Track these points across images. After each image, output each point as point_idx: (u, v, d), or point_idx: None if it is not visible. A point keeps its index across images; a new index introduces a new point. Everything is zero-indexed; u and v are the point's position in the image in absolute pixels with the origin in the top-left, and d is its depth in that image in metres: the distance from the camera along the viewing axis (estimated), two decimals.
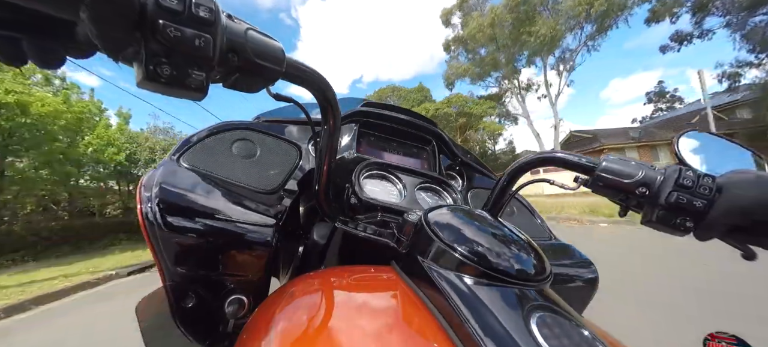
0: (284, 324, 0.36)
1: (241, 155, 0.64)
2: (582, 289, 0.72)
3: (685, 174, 0.42)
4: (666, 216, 0.43)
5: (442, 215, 0.44)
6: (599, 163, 0.49)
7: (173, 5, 0.27)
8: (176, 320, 0.49)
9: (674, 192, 0.42)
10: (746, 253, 0.41)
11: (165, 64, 0.28)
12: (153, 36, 0.26)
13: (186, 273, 0.49)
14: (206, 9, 0.29)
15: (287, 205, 0.61)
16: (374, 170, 0.74)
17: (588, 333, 0.29)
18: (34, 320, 3.69)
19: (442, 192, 0.79)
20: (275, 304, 0.41)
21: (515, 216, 0.89)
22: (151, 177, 0.50)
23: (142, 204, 0.48)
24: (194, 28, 0.28)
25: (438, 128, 0.95)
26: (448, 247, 0.37)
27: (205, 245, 0.49)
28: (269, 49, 0.35)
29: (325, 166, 0.53)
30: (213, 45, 0.30)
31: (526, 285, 0.34)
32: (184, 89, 0.30)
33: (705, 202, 0.40)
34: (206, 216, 0.50)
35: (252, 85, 0.36)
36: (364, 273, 0.45)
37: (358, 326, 0.32)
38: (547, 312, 0.30)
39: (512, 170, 0.61)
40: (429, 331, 0.31)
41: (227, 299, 0.51)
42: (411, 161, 0.88)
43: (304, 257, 0.70)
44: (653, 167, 0.46)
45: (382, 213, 0.63)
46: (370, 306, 0.37)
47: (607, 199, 0.51)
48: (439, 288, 0.34)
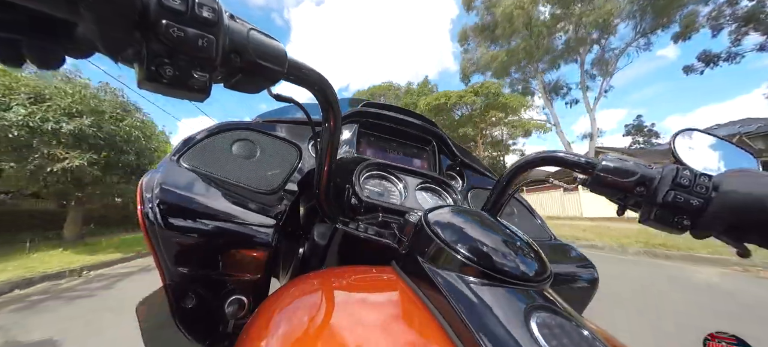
0: (284, 324, 0.36)
1: (241, 155, 0.64)
2: (582, 289, 0.72)
3: (683, 174, 0.42)
4: (664, 215, 0.44)
5: (442, 215, 0.44)
6: (598, 162, 0.49)
7: (176, 5, 0.26)
8: (176, 320, 0.49)
9: (672, 191, 0.42)
10: (741, 251, 0.42)
11: (167, 64, 0.28)
12: (155, 36, 0.26)
13: (186, 273, 0.49)
14: (209, 9, 0.28)
15: (287, 205, 0.61)
16: (374, 170, 0.74)
17: (588, 333, 0.29)
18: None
19: (442, 192, 0.79)
20: (275, 304, 0.41)
21: (515, 216, 0.89)
22: (151, 178, 0.50)
23: (143, 205, 0.48)
24: (197, 28, 0.28)
25: (438, 128, 0.95)
26: (448, 247, 0.37)
27: (205, 245, 0.49)
28: (272, 50, 0.35)
29: (326, 166, 0.53)
30: (216, 46, 0.29)
31: (526, 285, 0.34)
32: (187, 90, 0.30)
33: (702, 201, 0.41)
34: (206, 217, 0.50)
35: (254, 85, 0.36)
36: (364, 273, 0.45)
37: (358, 326, 0.32)
38: (548, 313, 0.30)
39: (512, 170, 0.61)
40: (429, 331, 0.31)
41: (227, 299, 0.51)
42: (411, 161, 0.88)
43: (304, 258, 0.70)
44: (651, 166, 0.47)
45: (382, 214, 0.63)
46: (370, 307, 0.37)
47: (607, 199, 0.51)
48: (439, 288, 0.34)
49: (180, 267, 0.48)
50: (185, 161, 0.57)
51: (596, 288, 0.74)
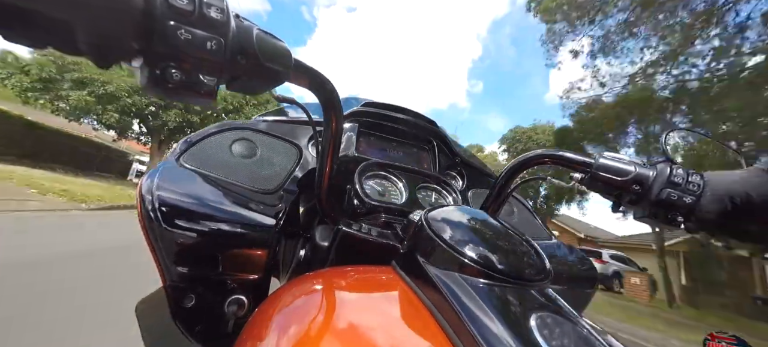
0: (284, 324, 0.36)
1: (242, 155, 0.64)
2: (582, 289, 0.72)
3: (676, 172, 0.44)
4: (658, 212, 0.45)
5: (442, 214, 0.44)
6: (595, 161, 0.50)
7: (183, 5, 0.25)
8: (176, 320, 0.49)
9: (666, 189, 0.44)
10: (728, 246, 0.45)
11: (173, 68, 0.26)
12: (161, 39, 0.25)
13: (186, 273, 0.49)
14: (217, 9, 0.27)
15: (287, 205, 0.61)
16: (375, 170, 0.74)
17: (588, 333, 0.29)
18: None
19: (442, 192, 0.79)
20: (275, 304, 0.41)
21: (515, 216, 0.89)
22: (150, 177, 0.50)
23: (142, 204, 0.48)
24: (205, 30, 0.27)
25: (438, 127, 0.95)
26: (448, 247, 0.37)
27: (205, 245, 0.49)
28: (278, 51, 0.34)
29: (327, 167, 0.53)
30: (224, 48, 0.28)
31: (526, 285, 0.34)
32: (194, 95, 0.28)
33: (694, 198, 0.43)
34: (206, 216, 0.50)
35: (258, 87, 0.35)
36: (364, 273, 0.45)
37: (358, 326, 0.32)
38: (547, 312, 0.30)
39: (510, 169, 0.61)
40: (428, 331, 0.31)
41: (227, 299, 0.51)
42: (411, 160, 0.88)
43: (304, 258, 0.70)
44: (644, 163, 0.48)
45: (383, 214, 0.63)
46: (369, 306, 0.37)
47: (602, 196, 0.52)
48: (439, 287, 0.34)
49: (180, 266, 0.48)
50: (185, 160, 0.57)
51: (596, 287, 0.74)
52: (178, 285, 0.49)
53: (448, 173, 0.92)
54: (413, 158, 0.90)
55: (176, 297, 0.49)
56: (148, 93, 0.27)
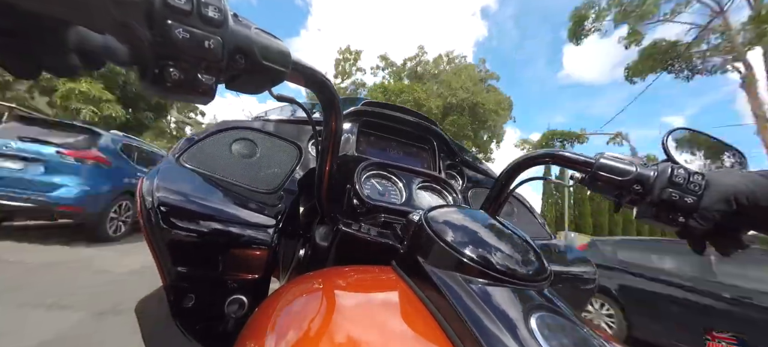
0: (284, 324, 0.36)
1: (242, 154, 0.64)
2: (581, 289, 0.72)
3: (678, 172, 0.44)
4: (659, 212, 0.45)
5: (442, 214, 0.44)
6: (596, 160, 0.50)
7: (181, 4, 0.25)
8: (176, 320, 0.49)
9: (667, 189, 0.44)
10: (724, 252, 0.44)
11: (172, 67, 0.26)
12: (160, 38, 0.25)
13: (186, 273, 0.49)
14: (215, 8, 0.27)
15: (287, 205, 0.61)
16: (375, 169, 0.74)
17: (588, 333, 0.29)
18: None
19: (442, 192, 0.79)
20: (275, 304, 0.41)
21: (515, 216, 0.89)
22: (151, 177, 0.50)
23: (143, 204, 0.48)
24: (203, 29, 0.27)
25: (438, 127, 0.95)
26: (448, 247, 0.37)
27: (205, 245, 0.49)
28: (276, 50, 0.34)
29: (327, 166, 0.53)
30: (222, 47, 0.28)
31: (526, 285, 0.34)
32: (193, 94, 0.28)
33: (695, 198, 0.42)
34: (206, 216, 0.50)
35: (256, 86, 0.36)
36: (364, 273, 0.45)
37: (358, 326, 0.32)
38: (547, 312, 0.30)
39: (510, 168, 0.61)
40: (428, 331, 0.31)
41: (227, 299, 0.51)
42: (411, 160, 0.88)
43: (304, 258, 0.70)
44: (645, 163, 0.48)
45: (383, 214, 0.63)
46: (369, 306, 0.37)
47: (603, 196, 0.52)
48: (439, 287, 0.33)
49: (180, 266, 0.48)
50: (185, 160, 0.57)
51: (596, 287, 0.74)
52: (178, 284, 0.49)
53: (448, 172, 0.92)
54: (413, 158, 0.89)
55: (176, 296, 0.49)
56: (148, 92, 0.28)
